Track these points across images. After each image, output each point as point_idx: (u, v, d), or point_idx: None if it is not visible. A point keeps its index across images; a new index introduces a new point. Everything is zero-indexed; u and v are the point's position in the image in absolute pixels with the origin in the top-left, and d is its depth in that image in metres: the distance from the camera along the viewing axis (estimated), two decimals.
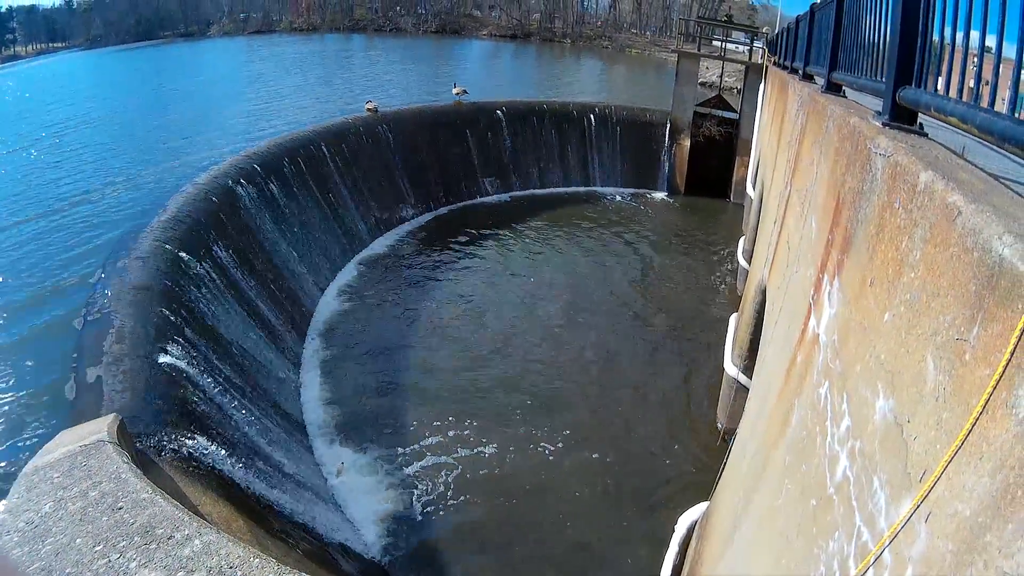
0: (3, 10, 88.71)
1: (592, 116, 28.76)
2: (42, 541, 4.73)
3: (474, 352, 14.86)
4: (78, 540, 4.73)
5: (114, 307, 9.55)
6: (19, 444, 7.94)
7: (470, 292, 17.98)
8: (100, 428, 6.20)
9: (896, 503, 2.36)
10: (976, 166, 2.99)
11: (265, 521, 7.60)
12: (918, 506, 2.10)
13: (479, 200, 25.89)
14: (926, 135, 3.63)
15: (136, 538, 4.76)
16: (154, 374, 8.38)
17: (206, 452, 7.62)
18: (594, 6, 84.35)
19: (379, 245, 20.65)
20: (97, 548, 4.66)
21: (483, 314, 16.70)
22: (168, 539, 4.77)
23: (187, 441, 7.48)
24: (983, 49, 2.57)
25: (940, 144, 3.44)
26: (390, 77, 41.18)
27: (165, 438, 7.27)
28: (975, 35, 2.62)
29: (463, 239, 21.67)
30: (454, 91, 27.14)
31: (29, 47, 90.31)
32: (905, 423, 2.45)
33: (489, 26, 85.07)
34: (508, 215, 24.57)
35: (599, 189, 28.40)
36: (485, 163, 26.56)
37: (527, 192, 27.22)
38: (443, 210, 24.39)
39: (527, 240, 22.26)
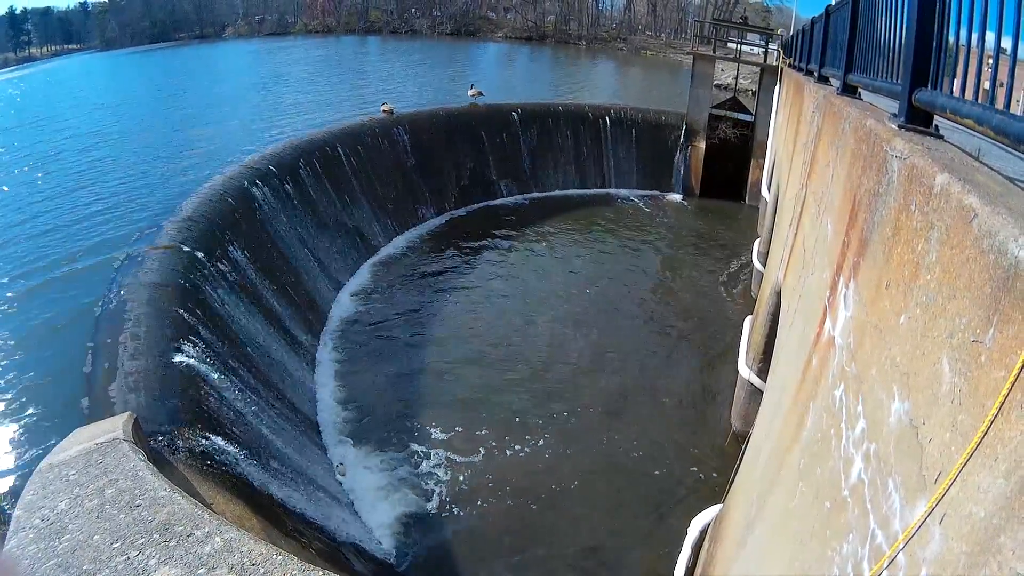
0: (18, 12, 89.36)
1: (607, 118, 28.73)
2: (58, 538, 4.74)
3: (488, 353, 14.87)
4: (95, 537, 4.73)
5: (130, 306, 9.61)
6: (33, 441, 8.01)
7: (485, 294, 18.00)
8: (115, 426, 6.23)
9: (911, 505, 2.35)
10: (992, 168, 2.98)
11: (278, 520, 7.63)
12: (933, 508, 2.10)
13: (495, 202, 25.89)
14: (942, 137, 3.62)
15: (155, 535, 4.76)
16: (169, 373, 8.44)
17: (220, 451, 7.66)
18: (609, 8, 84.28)
19: (394, 247, 20.68)
20: (115, 545, 4.66)
21: (497, 316, 16.72)
22: (188, 537, 4.76)
23: (201, 440, 7.52)
24: (999, 51, 2.57)
25: (956, 146, 3.44)
26: (405, 79, 41.27)
27: (179, 437, 7.31)
28: (990, 36, 2.61)
29: (479, 241, 21.68)
30: (469, 93, 27.18)
31: (44, 48, 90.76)
32: (920, 425, 2.45)
33: (504, 28, 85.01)
34: (524, 217, 24.58)
35: (614, 191, 28.35)
36: (501, 165, 26.57)
37: (543, 194, 27.19)
38: (459, 212, 24.41)
39: (542, 242, 22.25)
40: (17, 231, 14.60)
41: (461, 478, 11.07)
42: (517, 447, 11.83)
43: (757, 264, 18.02)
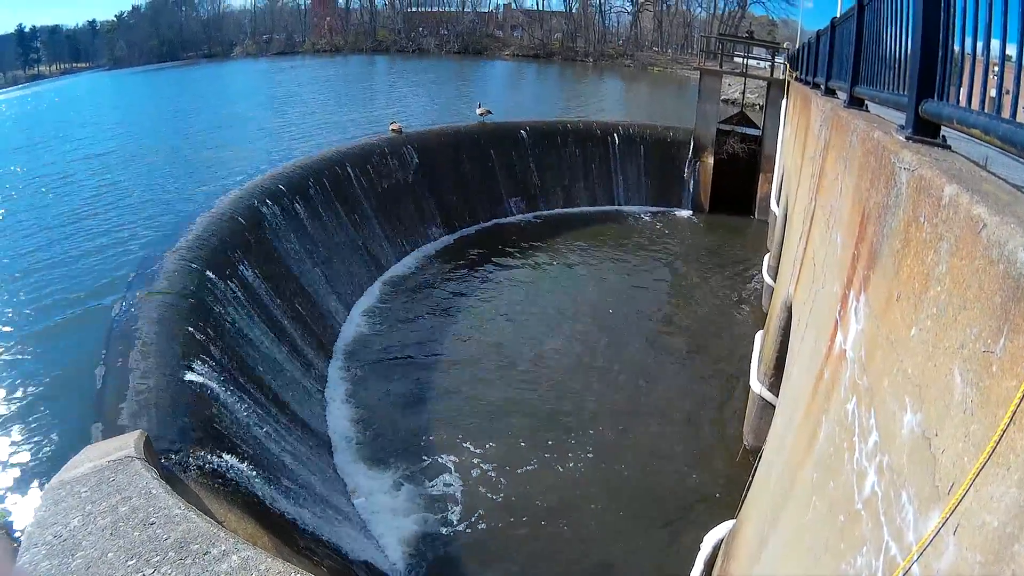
0: (27, 30, 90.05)
1: (616, 135, 28.76)
2: (72, 555, 4.72)
3: (498, 371, 14.86)
4: (110, 554, 4.71)
5: (140, 324, 9.63)
6: (43, 458, 8.04)
7: (495, 312, 18.00)
8: (127, 444, 6.23)
9: (924, 516, 2.35)
10: (1000, 177, 2.98)
11: (290, 538, 7.63)
12: (947, 518, 2.10)
13: (504, 220, 25.90)
14: (949, 148, 3.63)
15: (170, 553, 4.74)
16: (180, 391, 8.44)
17: (231, 469, 7.66)
18: (615, 25, 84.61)
19: (404, 265, 20.72)
20: (130, 563, 4.64)
21: (508, 334, 16.71)
22: (204, 555, 4.73)
23: (212, 458, 7.52)
24: (1004, 58, 2.58)
25: (963, 156, 3.44)
26: (414, 98, 41.51)
27: (190, 455, 7.31)
28: (995, 43, 2.62)
29: (488, 259, 21.71)
30: (478, 111, 27.28)
31: (53, 67, 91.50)
32: (933, 436, 2.45)
33: (511, 46, 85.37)
34: (533, 235, 24.59)
35: (624, 208, 28.34)
36: (510, 183, 26.62)
37: (552, 212, 27.21)
38: (468, 230, 24.44)
39: (553, 260, 22.27)
40: (30, 250, 14.69)
41: (472, 495, 11.04)
42: (528, 463, 11.79)
43: (767, 278, 17.99)
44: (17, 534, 6.30)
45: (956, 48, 3.33)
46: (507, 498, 11.03)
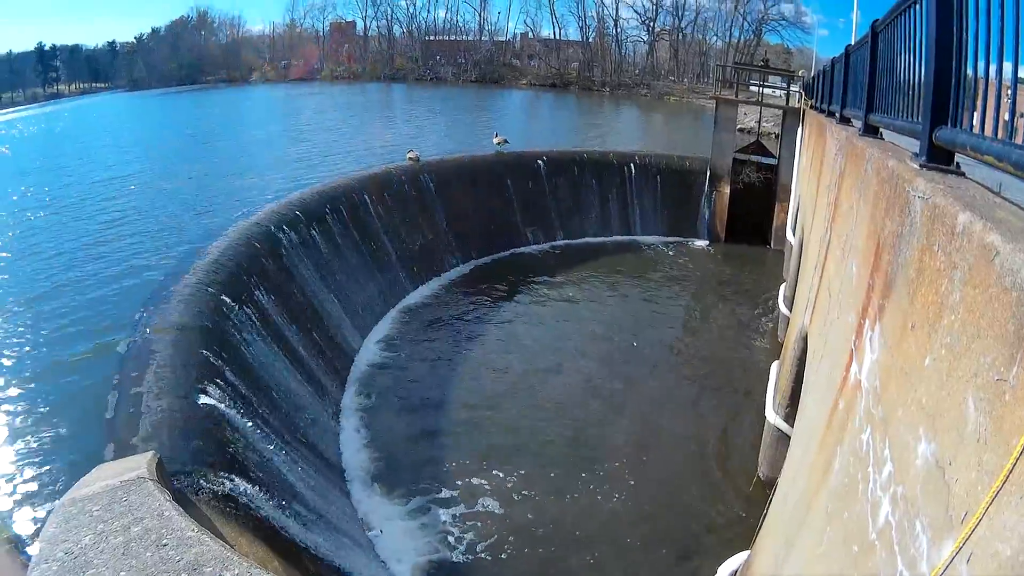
0: (47, 48, 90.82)
1: (632, 165, 28.77)
2: (82, 572, 4.71)
3: (515, 402, 14.80)
4: (122, 573, 4.70)
5: (155, 347, 9.67)
6: (56, 476, 8.04)
7: (511, 342, 17.97)
8: (139, 464, 6.23)
9: (938, 546, 2.32)
10: (1013, 203, 2.97)
11: (301, 564, 7.60)
12: (960, 548, 2.07)
13: (521, 250, 25.86)
14: (963, 174, 3.63)
15: (183, 575, 4.75)
16: (193, 414, 8.45)
17: (243, 493, 7.65)
18: (631, 54, 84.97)
19: (420, 294, 20.72)
20: None
21: (522, 364, 16.66)
22: None
23: (224, 482, 7.52)
24: (1016, 82, 2.58)
25: (977, 183, 3.44)
26: (431, 126, 41.74)
27: (202, 478, 7.31)
28: (1007, 66, 2.62)
29: (504, 289, 21.68)
30: (495, 140, 27.41)
31: (72, 86, 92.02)
32: (947, 466, 2.43)
33: (528, 75, 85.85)
34: (549, 265, 24.56)
35: (640, 238, 28.27)
36: (526, 213, 26.63)
37: (568, 241, 27.15)
38: (485, 260, 24.38)
39: (568, 290, 22.21)
40: (47, 271, 14.78)
41: (485, 524, 10.96)
42: (543, 494, 11.72)
43: (783, 308, 17.92)
44: (28, 550, 6.31)
45: (969, 73, 3.34)
46: (520, 526, 10.96)
